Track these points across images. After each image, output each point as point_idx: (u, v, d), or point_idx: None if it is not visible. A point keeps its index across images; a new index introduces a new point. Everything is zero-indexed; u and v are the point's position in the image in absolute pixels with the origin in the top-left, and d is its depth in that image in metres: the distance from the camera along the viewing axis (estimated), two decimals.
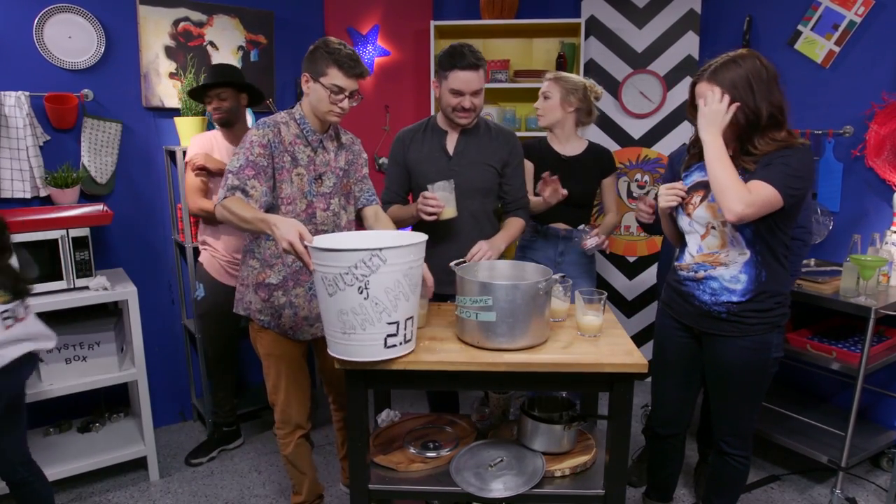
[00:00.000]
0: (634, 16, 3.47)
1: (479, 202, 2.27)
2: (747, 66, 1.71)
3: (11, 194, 2.63)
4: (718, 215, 1.81)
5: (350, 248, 1.49)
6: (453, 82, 2.12)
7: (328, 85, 1.88)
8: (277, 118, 1.97)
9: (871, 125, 2.75)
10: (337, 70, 1.87)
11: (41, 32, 2.67)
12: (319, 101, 1.92)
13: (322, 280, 1.55)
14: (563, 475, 1.77)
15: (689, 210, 1.90)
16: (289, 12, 3.34)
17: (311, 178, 1.99)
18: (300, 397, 2.17)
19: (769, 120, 1.72)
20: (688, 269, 1.93)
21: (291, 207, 1.97)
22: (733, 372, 1.91)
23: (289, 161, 1.95)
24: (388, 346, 1.58)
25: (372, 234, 1.88)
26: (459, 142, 2.27)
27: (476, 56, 2.12)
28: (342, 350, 1.60)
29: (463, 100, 2.14)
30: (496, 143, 2.28)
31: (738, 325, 1.86)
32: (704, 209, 1.85)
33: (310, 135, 1.98)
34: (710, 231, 1.86)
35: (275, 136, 1.92)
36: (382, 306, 1.53)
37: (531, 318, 1.66)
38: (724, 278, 1.85)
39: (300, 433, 2.19)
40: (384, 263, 1.50)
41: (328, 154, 2.04)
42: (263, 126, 1.93)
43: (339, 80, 1.88)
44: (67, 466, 2.56)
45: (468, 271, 1.79)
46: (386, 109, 3.70)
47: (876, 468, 2.78)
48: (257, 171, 1.88)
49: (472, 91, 2.13)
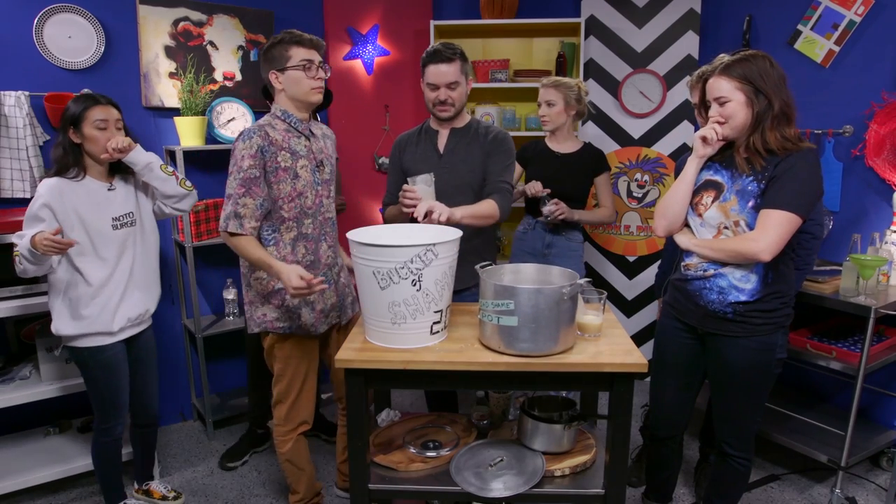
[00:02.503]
0: (634, 15, 3.47)
1: (470, 199, 2.28)
2: (758, 63, 1.75)
3: (11, 194, 2.63)
4: (731, 215, 1.82)
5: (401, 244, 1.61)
6: (428, 76, 2.20)
7: (298, 63, 1.94)
8: (260, 122, 2.00)
9: (871, 125, 2.75)
10: (297, 47, 1.94)
11: (41, 32, 2.67)
12: (297, 83, 1.96)
13: (374, 274, 1.63)
14: (563, 475, 1.77)
15: (699, 210, 1.90)
16: (289, 12, 3.34)
17: (313, 166, 2.05)
18: (311, 395, 2.21)
19: (780, 113, 1.74)
20: (696, 268, 1.92)
21: (299, 202, 2.00)
22: (738, 373, 1.90)
23: (289, 157, 1.98)
24: (433, 332, 1.71)
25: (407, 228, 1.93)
26: (450, 141, 2.30)
27: (451, 50, 2.17)
28: (389, 339, 1.69)
29: (439, 93, 2.20)
30: (485, 139, 2.31)
31: (744, 325, 1.85)
32: (716, 210, 1.85)
33: (298, 125, 2.03)
34: (722, 231, 1.85)
35: (263, 139, 1.94)
36: (432, 296, 1.67)
37: (555, 324, 1.61)
38: (735, 276, 1.84)
39: (303, 429, 2.21)
40: (436, 257, 1.63)
41: (319, 141, 2.11)
42: (248, 136, 1.93)
43: (303, 54, 1.95)
44: (67, 466, 2.56)
45: (491, 274, 1.76)
46: (386, 109, 3.70)
47: (876, 467, 2.78)
48: (248, 185, 1.91)
49: (446, 83, 2.18)
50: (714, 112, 1.81)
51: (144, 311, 2.23)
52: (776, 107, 1.73)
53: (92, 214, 2.03)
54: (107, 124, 2.01)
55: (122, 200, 2.13)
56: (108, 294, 2.09)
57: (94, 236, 2.05)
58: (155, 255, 2.27)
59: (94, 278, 2.05)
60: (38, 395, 2.49)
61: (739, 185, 1.81)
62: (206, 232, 2.99)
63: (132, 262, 2.15)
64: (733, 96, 1.76)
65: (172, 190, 2.15)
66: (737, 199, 1.81)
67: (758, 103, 1.74)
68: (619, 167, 3.58)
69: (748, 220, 1.80)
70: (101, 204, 2.06)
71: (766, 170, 1.76)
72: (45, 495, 2.63)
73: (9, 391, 2.47)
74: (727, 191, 1.84)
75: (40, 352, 2.53)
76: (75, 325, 2.07)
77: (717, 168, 1.90)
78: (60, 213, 1.97)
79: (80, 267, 2.04)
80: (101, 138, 2.00)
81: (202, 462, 2.92)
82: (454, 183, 2.25)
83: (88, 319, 2.07)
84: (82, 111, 1.98)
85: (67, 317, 2.07)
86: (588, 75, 3.55)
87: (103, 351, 2.12)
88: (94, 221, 2.04)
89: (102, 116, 2.00)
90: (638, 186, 3.58)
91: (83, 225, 2.02)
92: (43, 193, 1.95)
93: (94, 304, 2.07)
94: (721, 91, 1.78)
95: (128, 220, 2.13)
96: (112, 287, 2.10)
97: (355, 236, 1.71)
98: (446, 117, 2.26)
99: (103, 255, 2.07)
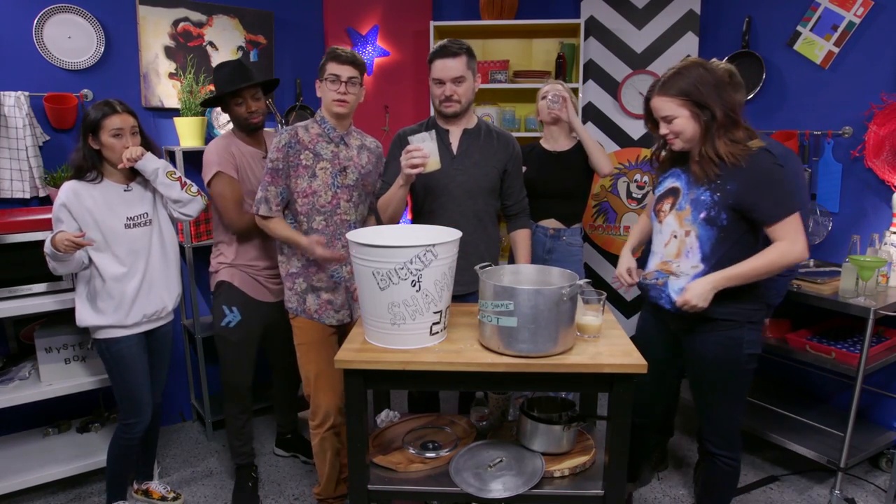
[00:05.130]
0: (634, 16, 3.47)
1: (482, 202, 2.28)
2: (692, 74, 1.77)
3: (11, 194, 2.63)
4: (684, 224, 1.86)
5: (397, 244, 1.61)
6: (434, 72, 2.20)
7: (327, 76, 2.13)
8: (297, 124, 2.21)
9: (871, 126, 2.75)
10: (332, 62, 2.12)
11: (41, 32, 2.67)
12: (325, 94, 2.16)
13: (374, 275, 1.63)
14: (563, 475, 1.77)
15: (661, 217, 1.96)
16: (288, 12, 3.35)
17: (335, 171, 2.17)
18: (331, 385, 2.23)
19: (725, 119, 1.76)
20: (651, 277, 1.98)
21: (312, 199, 2.16)
22: (707, 368, 1.94)
23: (311, 157, 2.15)
24: (433, 333, 1.71)
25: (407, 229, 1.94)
26: (462, 142, 2.28)
27: (457, 45, 2.17)
28: (388, 339, 1.69)
29: (445, 88, 2.19)
30: (498, 144, 2.31)
31: (706, 321, 1.89)
32: (673, 217, 1.90)
33: (331, 132, 2.19)
34: (671, 239, 1.91)
35: (292, 137, 2.14)
36: (431, 297, 1.67)
37: (555, 325, 1.61)
38: (680, 284, 1.88)
39: (328, 425, 2.24)
40: (436, 258, 1.63)
41: (350, 150, 2.23)
42: (281, 133, 2.17)
43: (333, 69, 2.12)
44: (67, 466, 2.56)
45: (491, 275, 1.76)
46: (385, 110, 3.70)
47: (875, 469, 2.78)
48: (274, 175, 2.15)
49: (452, 78, 2.17)
50: (665, 130, 1.85)
51: (161, 308, 2.30)
52: (719, 115, 1.75)
53: (105, 214, 2.14)
54: (122, 132, 2.12)
55: (139, 201, 2.23)
56: (122, 289, 2.18)
57: (108, 235, 2.15)
58: (174, 255, 2.34)
59: (109, 273, 2.16)
60: (38, 396, 2.49)
61: (694, 195, 1.84)
62: (206, 232, 2.98)
63: (147, 260, 2.24)
64: (678, 113, 1.79)
65: (177, 195, 2.24)
66: (691, 209, 1.84)
67: (703, 115, 1.77)
68: (619, 168, 3.58)
69: (698, 231, 1.83)
70: (116, 204, 2.17)
71: (721, 179, 1.78)
72: (45, 496, 2.63)
73: (8, 391, 2.47)
74: (682, 198, 1.88)
75: (39, 352, 2.53)
76: (94, 316, 2.18)
77: (678, 174, 1.94)
78: (76, 213, 2.11)
79: (97, 262, 2.15)
80: (117, 146, 2.12)
81: (201, 462, 2.92)
82: (467, 186, 2.24)
83: (104, 312, 2.18)
84: (100, 119, 2.10)
85: (88, 308, 2.20)
86: (588, 76, 3.56)
87: (118, 342, 2.21)
88: (107, 221, 2.15)
89: (118, 125, 2.11)
90: (637, 187, 3.58)
91: (97, 224, 2.13)
92: (61, 195, 2.10)
93: (110, 298, 2.17)
94: (665, 111, 1.81)
95: (142, 221, 2.22)
96: (126, 282, 2.19)
97: (355, 236, 1.71)
98: (452, 113, 2.23)
99: (117, 253, 2.17)
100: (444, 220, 2.15)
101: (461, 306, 2.05)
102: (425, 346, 1.71)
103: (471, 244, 2.21)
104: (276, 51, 3.29)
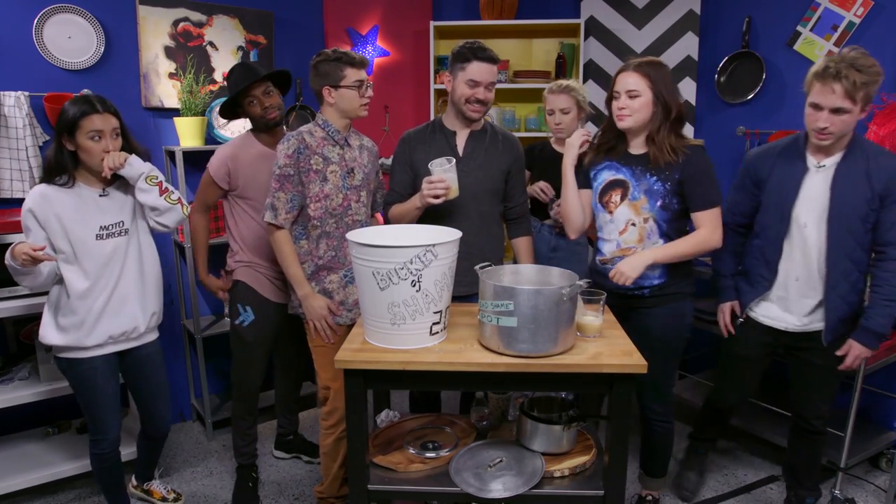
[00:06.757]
0: (634, 16, 3.47)
1: (487, 204, 2.28)
2: (663, 71, 2.00)
3: (11, 194, 2.63)
4: (642, 213, 2.05)
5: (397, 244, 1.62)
6: (471, 73, 2.14)
7: (353, 83, 2.12)
8: (301, 129, 2.19)
9: (870, 126, 2.75)
10: (350, 68, 2.12)
11: (41, 32, 2.67)
12: (350, 101, 2.15)
13: (374, 275, 1.63)
14: (563, 475, 1.77)
15: (610, 208, 2.10)
16: (288, 12, 3.35)
17: (343, 173, 2.19)
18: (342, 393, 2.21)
19: (678, 117, 2.00)
20: (610, 262, 2.11)
21: (325, 203, 2.17)
22: (657, 337, 2.11)
23: (321, 161, 2.16)
24: (433, 333, 1.71)
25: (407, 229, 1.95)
26: (468, 144, 2.27)
27: (493, 52, 2.18)
28: (388, 339, 1.70)
29: (478, 91, 2.16)
30: (503, 146, 2.31)
31: (660, 297, 2.11)
32: (627, 207, 2.07)
33: (335, 135, 2.20)
34: (629, 227, 2.08)
35: (300, 143, 2.13)
36: (431, 297, 1.67)
37: (555, 325, 1.61)
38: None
39: (344, 426, 2.17)
40: (436, 258, 1.63)
41: (353, 151, 2.25)
42: (288, 139, 2.15)
43: (356, 75, 2.13)
44: (67, 467, 2.56)
45: (491, 275, 1.75)
46: (385, 110, 3.70)
47: (875, 469, 2.78)
48: (282, 181, 2.12)
49: (487, 83, 2.16)
50: (624, 104, 1.99)
51: (132, 329, 2.09)
52: (674, 112, 1.97)
53: (75, 223, 1.93)
54: (102, 135, 1.89)
55: (116, 209, 2.01)
56: (86, 307, 1.97)
57: (77, 245, 1.94)
58: (153, 269, 2.15)
59: (74, 289, 1.96)
60: (38, 396, 2.49)
61: (646, 185, 2.04)
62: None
63: (118, 275, 2.02)
64: (644, 93, 1.97)
65: (153, 202, 2.01)
66: (647, 198, 2.04)
67: (659, 105, 1.97)
68: None
69: (657, 216, 2.05)
70: (88, 212, 1.96)
71: (670, 169, 2.00)
72: (45, 496, 2.63)
73: (8, 391, 2.47)
74: (634, 189, 2.06)
75: (39, 352, 2.53)
76: (54, 334, 1.99)
77: (618, 167, 2.10)
78: (43, 220, 1.89)
79: (65, 276, 1.96)
80: (94, 149, 1.89)
81: (201, 462, 2.92)
82: (472, 188, 2.22)
83: (65, 330, 1.98)
84: (78, 118, 1.86)
85: (51, 326, 2.01)
86: (588, 76, 3.56)
87: (80, 364, 2.02)
88: (77, 230, 1.93)
89: (98, 126, 1.88)
90: None
91: (66, 233, 1.92)
92: (28, 200, 1.89)
93: (72, 316, 1.97)
94: (634, 86, 1.97)
95: (116, 230, 2.00)
96: (91, 300, 1.97)
97: (355, 237, 1.71)
98: (477, 118, 2.23)
99: (85, 266, 1.96)
100: (449, 222, 2.14)
101: (461, 306, 2.05)
102: (425, 346, 1.70)
103: (475, 246, 2.21)
104: (276, 51, 3.29)
